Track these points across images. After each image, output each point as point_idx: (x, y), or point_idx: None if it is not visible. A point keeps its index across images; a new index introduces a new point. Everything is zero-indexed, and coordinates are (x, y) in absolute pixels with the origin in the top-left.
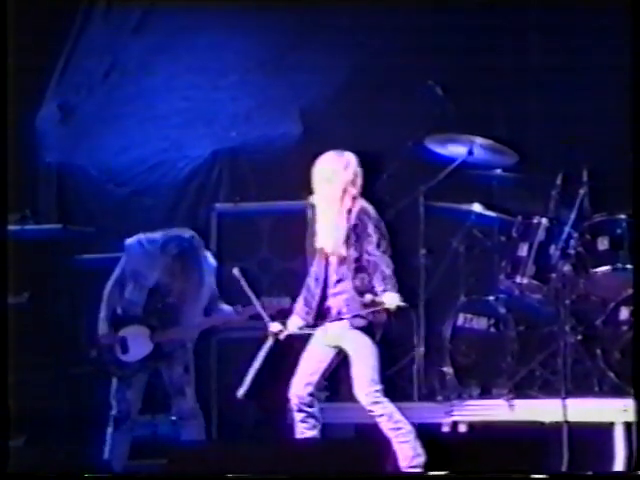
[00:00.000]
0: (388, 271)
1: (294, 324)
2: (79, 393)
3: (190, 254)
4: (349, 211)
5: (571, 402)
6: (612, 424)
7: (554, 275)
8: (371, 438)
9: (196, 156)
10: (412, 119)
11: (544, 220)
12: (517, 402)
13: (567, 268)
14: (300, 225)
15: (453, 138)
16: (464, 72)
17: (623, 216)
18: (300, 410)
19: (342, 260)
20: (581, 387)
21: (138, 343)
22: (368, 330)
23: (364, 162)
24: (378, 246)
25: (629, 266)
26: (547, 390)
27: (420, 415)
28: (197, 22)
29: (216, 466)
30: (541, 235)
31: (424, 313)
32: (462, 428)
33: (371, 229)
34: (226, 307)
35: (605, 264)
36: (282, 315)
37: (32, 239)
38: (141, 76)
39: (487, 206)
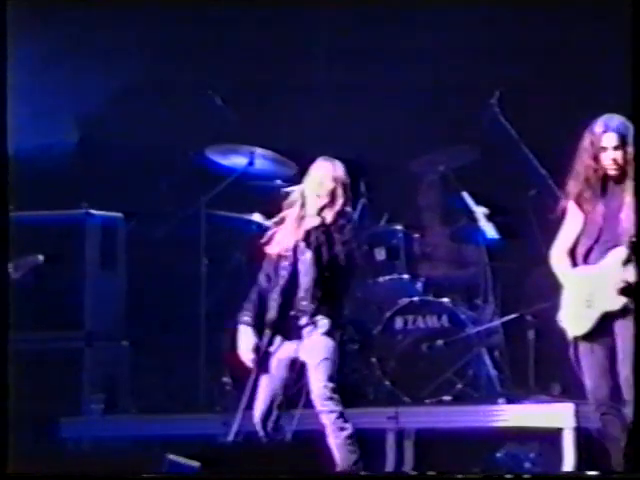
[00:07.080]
0: None
1: None
2: None
3: None
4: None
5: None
6: (384, 430)
7: None
8: None
9: None
10: (193, 128)
11: None
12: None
13: None
14: (78, 235)
15: (234, 148)
16: (246, 82)
17: (399, 227)
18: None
19: None
20: (357, 395)
21: None
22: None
23: (144, 172)
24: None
25: (405, 276)
26: None
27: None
28: None
29: None
30: None
31: (205, 322)
32: None
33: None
34: None
35: (382, 274)
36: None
37: None
38: None
39: (268, 216)
